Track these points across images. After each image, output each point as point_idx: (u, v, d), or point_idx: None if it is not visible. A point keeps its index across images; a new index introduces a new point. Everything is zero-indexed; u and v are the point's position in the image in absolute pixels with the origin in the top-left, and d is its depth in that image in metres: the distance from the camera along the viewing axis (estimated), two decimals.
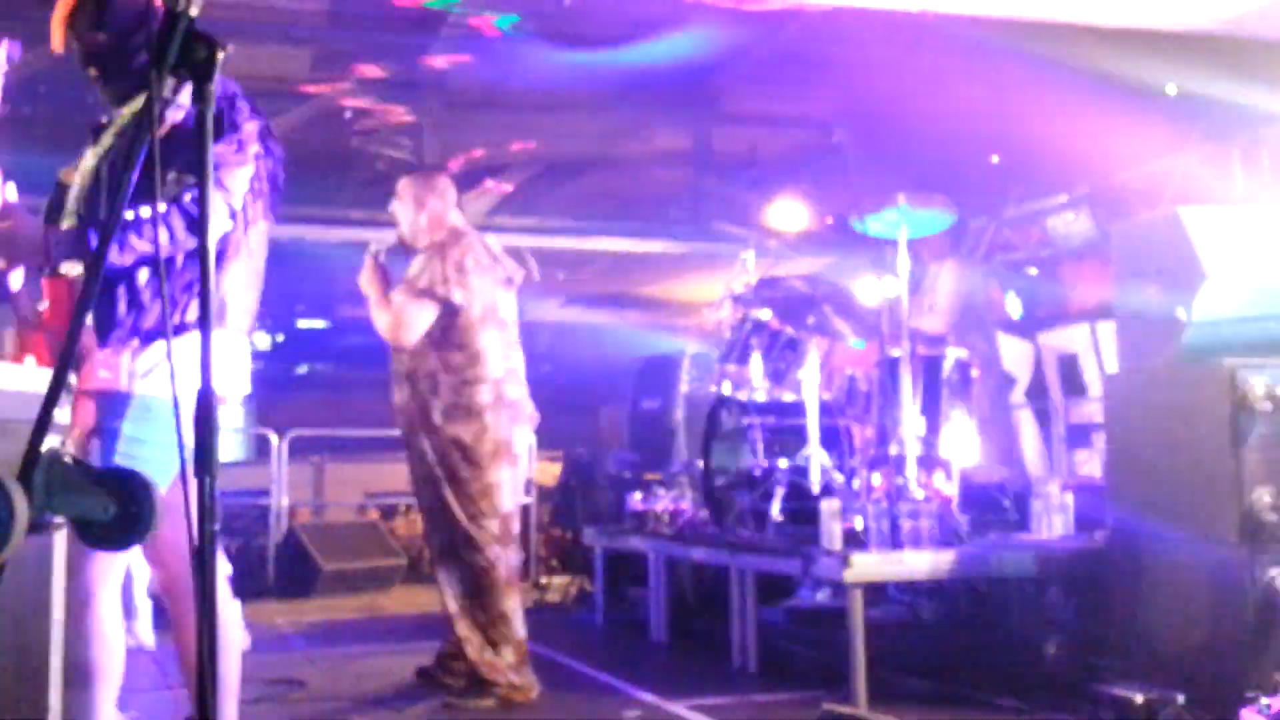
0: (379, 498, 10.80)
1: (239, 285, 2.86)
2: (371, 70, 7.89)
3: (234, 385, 2.87)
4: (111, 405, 2.60)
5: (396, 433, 5.05)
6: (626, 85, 8.49)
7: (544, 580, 8.73)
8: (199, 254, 1.70)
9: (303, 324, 14.59)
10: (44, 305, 2.66)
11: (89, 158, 2.81)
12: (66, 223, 2.72)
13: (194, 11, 1.64)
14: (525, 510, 10.09)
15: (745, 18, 7.22)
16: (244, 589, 8.22)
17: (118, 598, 2.72)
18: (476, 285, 4.78)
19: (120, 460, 2.50)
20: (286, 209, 9.40)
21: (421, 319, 4.71)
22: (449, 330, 4.75)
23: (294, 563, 8.84)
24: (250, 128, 2.80)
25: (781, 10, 7.04)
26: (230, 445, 13.59)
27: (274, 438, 9.79)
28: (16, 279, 2.70)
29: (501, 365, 4.86)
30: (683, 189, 9.53)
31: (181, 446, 1.71)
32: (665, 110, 8.93)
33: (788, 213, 9.61)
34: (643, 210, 9.65)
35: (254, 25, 7.31)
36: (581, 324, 13.41)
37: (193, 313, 2.69)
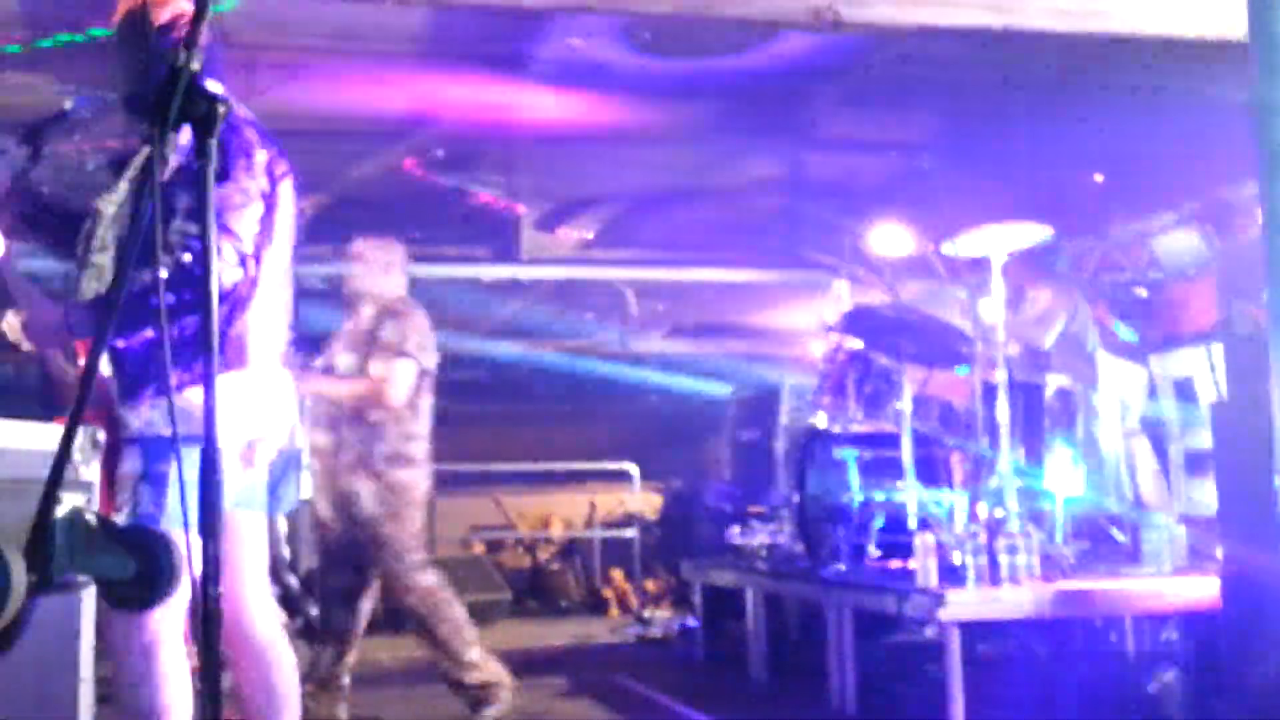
0: (485, 531, 10.86)
1: (260, 323, 2.83)
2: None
3: (267, 424, 2.85)
4: (157, 450, 2.60)
5: (504, 467, 5.42)
6: (720, 114, 8.44)
7: (646, 614, 8.66)
8: (203, 305, 1.67)
9: None
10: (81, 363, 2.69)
11: (110, 205, 2.80)
12: (87, 284, 2.73)
13: (195, 66, 1.63)
14: (628, 543, 10.15)
15: (837, 40, 7.10)
16: None
17: (180, 639, 2.72)
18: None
19: (170, 505, 2.50)
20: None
21: (410, 379, 5.16)
22: None
23: None
24: (260, 159, 2.76)
25: (874, 32, 6.90)
26: None
27: None
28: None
29: (427, 425, 5.32)
30: (779, 217, 9.42)
31: (185, 502, 1.68)
32: (760, 138, 8.83)
33: (889, 238, 9.45)
34: (739, 239, 9.56)
35: (345, 64, 7.42)
36: (686, 355, 13.35)
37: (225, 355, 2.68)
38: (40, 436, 2.05)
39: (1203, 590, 4.86)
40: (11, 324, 2.64)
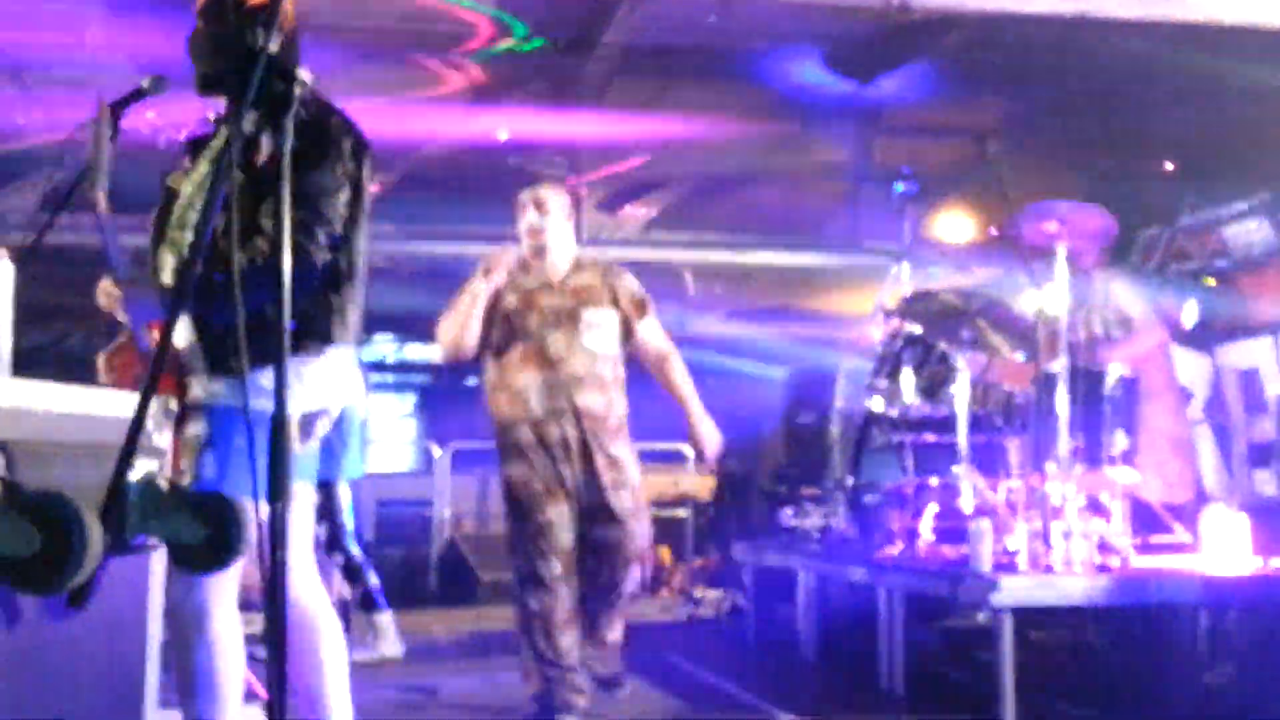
0: None
1: (344, 303, 2.91)
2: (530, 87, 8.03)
3: (330, 399, 2.91)
4: (223, 418, 2.68)
5: None
6: (785, 98, 8.44)
7: (697, 594, 8.70)
8: (279, 282, 1.72)
9: None
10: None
11: (188, 183, 2.86)
12: (162, 259, 2.80)
13: (273, 48, 1.68)
14: (681, 523, 10.18)
15: (903, 26, 7.06)
16: (405, 597, 8.50)
17: (234, 608, 2.78)
18: None
19: (233, 472, 2.56)
20: (448, 228, 9.56)
21: None
22: None
23: (454, 572, 9.05)
24: (348, 144, 2.81)
25: (940, 17, 6.86)
26: (398, 456, 13.98)
27: (436, 449, 10.03)
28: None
29: None
30: (842, 201, 9.40)
31: (254, 469, 1.73)
32: (824, 122, 8.82)
33: (952, 224, 9.39)
34: (801, 223, 9.55)
35: (417, 44, 7.51)
36: (746, 337, 13.34)
37: (307, 332, 2.76)
38: (115, 403, 2.12)
39: (1263, 581, 4.81)
40: (108, 290, 2.72)
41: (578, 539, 4.52)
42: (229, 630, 2.71)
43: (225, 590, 2.70)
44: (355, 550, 6.43)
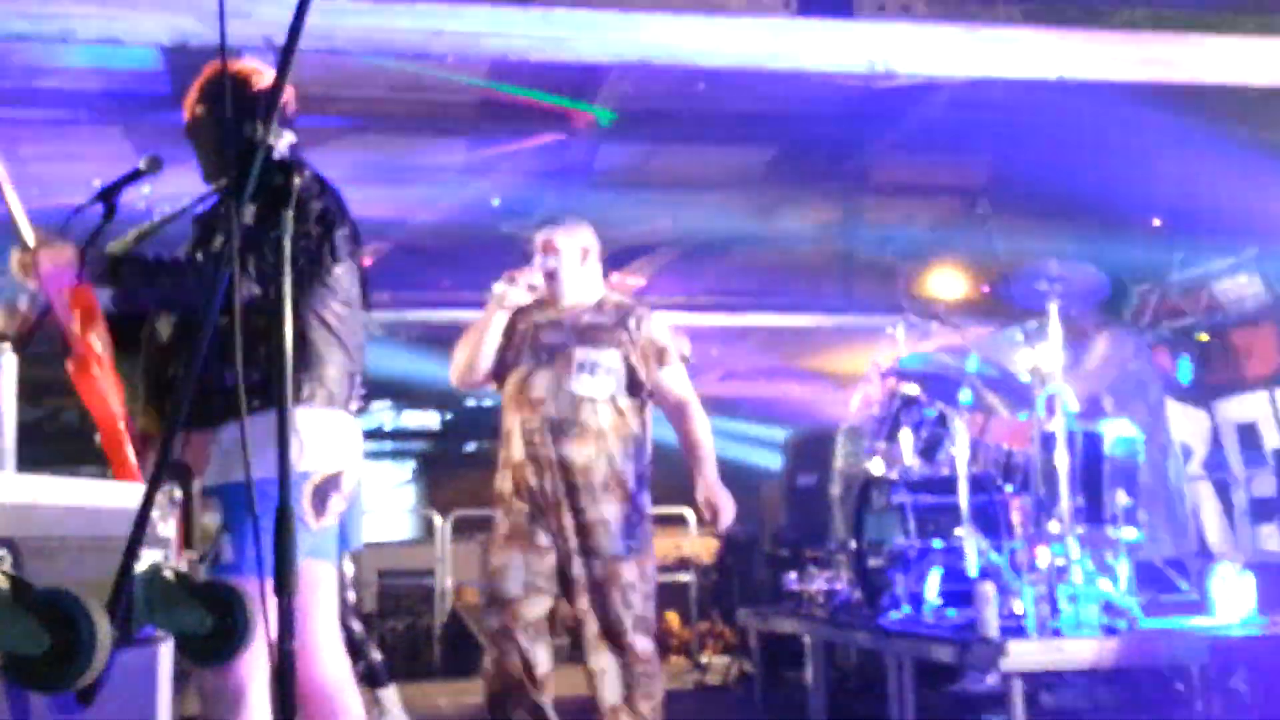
0: None
1: (321, 361, 2.88)
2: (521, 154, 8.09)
3: (326, 460, 2.88)
4: (233, 498, 2.67)
5: None
6: (776, 160, 8.50)
7: (704, 660, 8.63)
8: (276, 353, 1.71)
9: (470, 403, 14.90)
10: (74, 320, 2.67)
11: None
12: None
13: (272, 141, 1.69)
14: (685, 588, 10.12)
15: (888, 90, 7.14)
16: (409, 669, 8.42)
17: (267, 690, 2.75)
18: None
19: (250, 553, 2.54)
20: (444, 294, 9.59)
21: None
22: None
23: (457, 643, 8.96)
24: (314, 207, 2.71)
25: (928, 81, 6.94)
26: (397, 524, 13.91)
27: (437, 518, 9.97)
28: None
29: None
30: (834, 261, 9.45)
31: (260, 544, 1.70)
32: (815, 183, 8.88)
33: (944, 282, 9.44)
34: (794, 284, 9.59)
35: (408, 117, 7.57)
36: (743, 398, 13.35)
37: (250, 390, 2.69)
38: (120, 494, 2.11)
39: (1272, 640, 4.78)
40: (23, 260, 2.68)
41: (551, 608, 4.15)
42: (263, 713, 2.68)
43: (261, 672, 2.65)
44: (356, 625, 6.37)
